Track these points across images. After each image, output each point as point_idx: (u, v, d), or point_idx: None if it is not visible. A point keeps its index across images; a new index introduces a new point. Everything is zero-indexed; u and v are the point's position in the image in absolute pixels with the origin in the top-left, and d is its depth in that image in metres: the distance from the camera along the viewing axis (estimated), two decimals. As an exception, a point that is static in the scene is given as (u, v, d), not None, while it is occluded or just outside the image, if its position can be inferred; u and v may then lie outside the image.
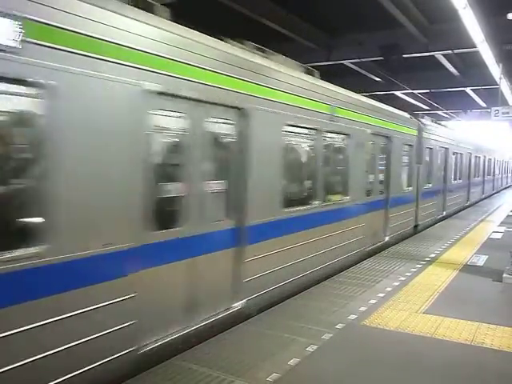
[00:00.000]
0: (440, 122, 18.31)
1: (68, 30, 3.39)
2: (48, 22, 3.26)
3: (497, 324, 5.33)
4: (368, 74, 18.72)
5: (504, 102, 17.14)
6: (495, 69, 14.22)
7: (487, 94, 23.17)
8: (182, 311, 4.62)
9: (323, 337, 4.87)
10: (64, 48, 3.36)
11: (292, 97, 6.28)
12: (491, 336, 4.99)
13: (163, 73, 4.22)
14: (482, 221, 15.10)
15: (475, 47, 11.92)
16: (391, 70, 17.85)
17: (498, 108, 13.50)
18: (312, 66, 7.64)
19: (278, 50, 6.55)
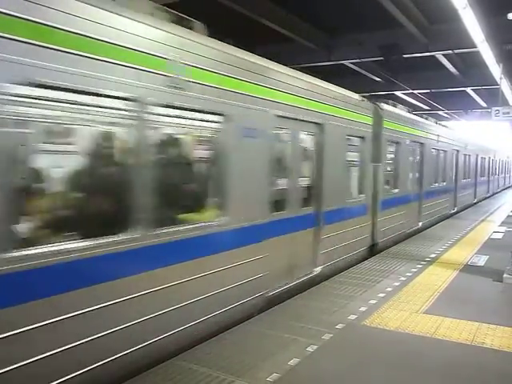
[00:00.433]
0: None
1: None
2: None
3: (497, 324, 5.34)
4: (368, 74, 18.71)
5: (504, 102, 17.12)
6: (496, 69, 14.21)
7: (488, 94, 23.16)
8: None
9: (323, 337, 4.87)
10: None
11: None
12: (491, 336, 5.00)
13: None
14: (482, 221, 15.10)
15: (475, 47, 11.90)
16: (391, 70, 17.85)
17: (498, 108, 13.49)
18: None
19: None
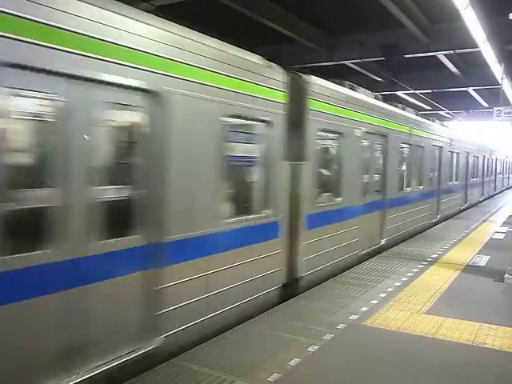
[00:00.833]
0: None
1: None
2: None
3: (498, 324, 5.34)
4: (369, 75, 18.69)
5: (506, 102, 17.09)
6: (497, 69, 14.18)
7: (489, 94, 23.12)
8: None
9: (324, 337, 4.87)
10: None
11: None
12: (493, 336, 4.99)
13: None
14: (484, 221, 15.08)
15: (477, 47, 11.87)
16: (393, 71, 17.82)
17: (500, 108, 13.46)
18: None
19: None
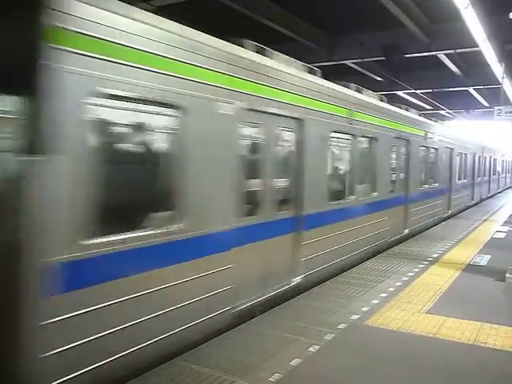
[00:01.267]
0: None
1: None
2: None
3: (499, 324, 5.33)
4: (370, 74, 18.69)
5: (507, 102, 17.07)
6: (497, 68, 14.17)
7: (490, 94, 23.11)
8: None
9: (325, 337, 4.87)
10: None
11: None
12: (494, 336, 4.98)
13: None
14: (485, 220, 15.07)
15: (477, 47, 11.87)
16: (393, 70, 17.81)
17: (500, 107, 13.45)
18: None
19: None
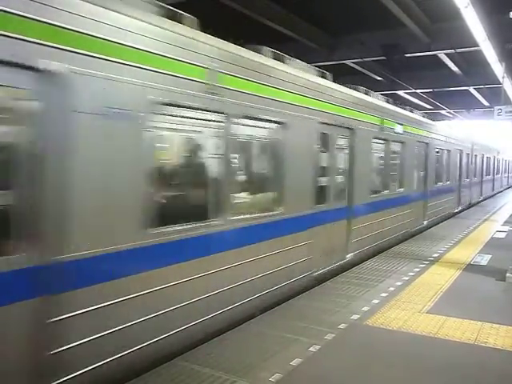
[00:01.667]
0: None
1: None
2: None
3: (500, 323, 5.32)
4: (370, 74, 18.70)
5: (507, 101, 17.06)
6: (498, 67, 14.17)
7: (490, 93, 23.10)
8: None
9: (326, 337, 4.86)
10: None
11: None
12: (494, 335, 4.98)
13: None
14: (485, 220, 15.06)
15: (478, 46, 11.87)
16: (393, 70, 17.81)
17: (501, 107, 13.44)
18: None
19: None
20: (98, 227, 3.56)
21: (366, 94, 9.42)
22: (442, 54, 15.56)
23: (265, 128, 5.90)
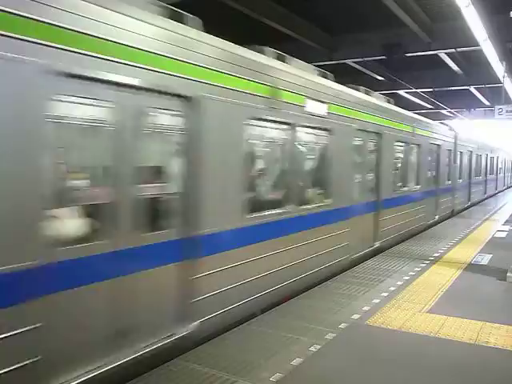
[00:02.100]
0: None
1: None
2: None
3: (501, 323, 5.32)
4: (371, 74, 18.66)
5: (508, 101, 17.05)
6: (499, 67, 14.15)
7: (491, 93, 23.07)
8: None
9: (326, 336, 4.86)
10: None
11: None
12: (495, 335, 4.97)
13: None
14: (486, 220, 15.05)
15: (478, 45, 11.85)
16: (394, 69, 17.79)
17: (501, 106, 13.45)
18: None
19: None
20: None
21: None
22: (442, 54, 15.52)
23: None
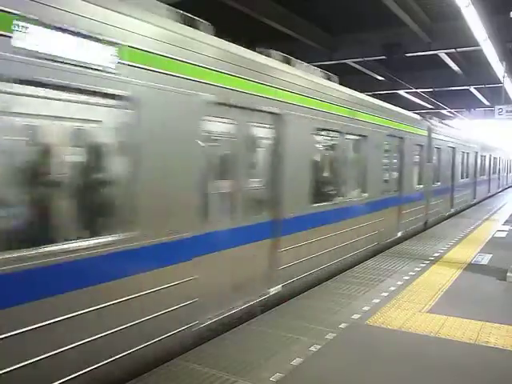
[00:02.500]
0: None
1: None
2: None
3: (501, 323, 5.32)
4: (371, 74, 18.67)
5: (508, 101, 17.06)
6: (499, 67, 14.16)
7: (491, 93, 23.08)
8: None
9: (326, 336, 4.86)
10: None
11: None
12: (495, 335, 4.97)
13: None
14: (486, 219, 15.05)
15: (478, 45, 11.86)
16: (394, 69, 17.81)
17: (501, 106, 13.44)
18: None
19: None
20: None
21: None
22: (442, 54, 15.53)
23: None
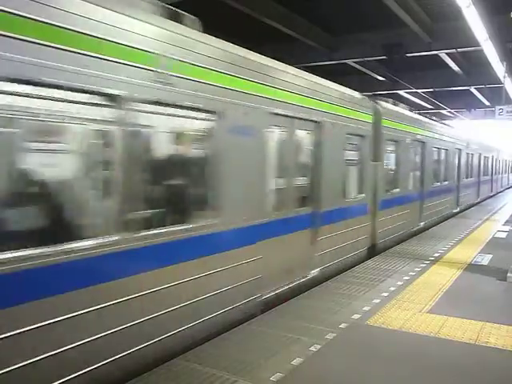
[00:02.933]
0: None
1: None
2: None
3: (501, 323, 5.31)
4: (372, 74, 18.67)
5: (508, 101, 17.05)
6: (499, 67, 14.15)
7: (491, 93, 23.07)
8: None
9: (327, 336, 4.86)
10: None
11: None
12: (495, 335, 4.97)
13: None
14: (486, 220, 15.04)
15: (479, 46, 11.85)
16: (395, 70, 17.80)
17: (502, 107, 13.44)
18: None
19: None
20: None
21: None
22: (443, 54, 15.52)
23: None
